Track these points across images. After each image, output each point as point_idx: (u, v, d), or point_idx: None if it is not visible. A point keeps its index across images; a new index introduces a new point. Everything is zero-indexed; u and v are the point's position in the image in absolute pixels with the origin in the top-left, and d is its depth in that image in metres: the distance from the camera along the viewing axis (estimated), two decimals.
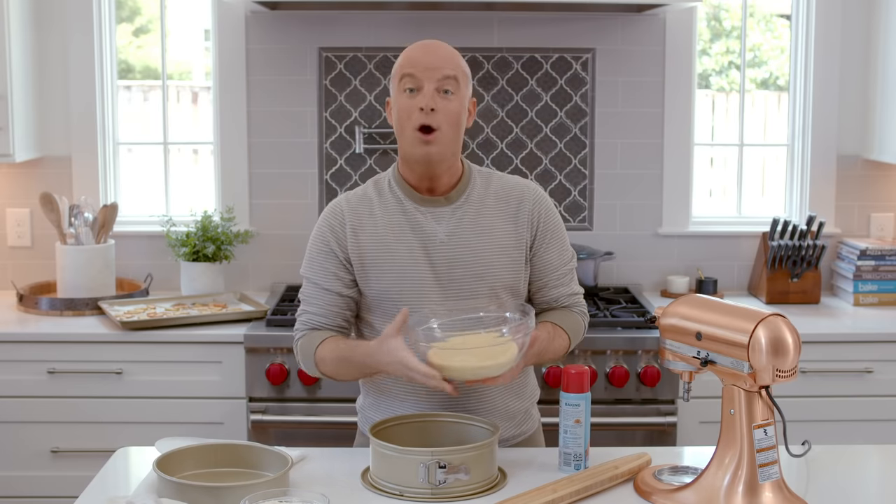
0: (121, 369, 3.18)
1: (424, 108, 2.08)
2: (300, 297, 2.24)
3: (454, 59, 2.13)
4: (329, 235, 2.18)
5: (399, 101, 2.12)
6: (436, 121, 2.09)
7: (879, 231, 3.82)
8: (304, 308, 2.22)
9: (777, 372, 1.80)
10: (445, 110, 2.10)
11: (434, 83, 2.09)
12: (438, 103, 2.09)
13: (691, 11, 3.68)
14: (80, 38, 3.63)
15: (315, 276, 2.19)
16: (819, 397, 3.25)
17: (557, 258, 2.23)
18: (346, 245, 2.17)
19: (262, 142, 3.71)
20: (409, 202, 2.17)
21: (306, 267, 2.22)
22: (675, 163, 3.75)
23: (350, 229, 2.17)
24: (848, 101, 3.75)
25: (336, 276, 2.17)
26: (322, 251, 2.19)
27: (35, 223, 3.71)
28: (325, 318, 2.19)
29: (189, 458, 1.96)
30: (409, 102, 2.10)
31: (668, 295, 3.68)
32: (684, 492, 1.88)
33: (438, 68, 2.09)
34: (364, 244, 2.16)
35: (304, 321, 2.21)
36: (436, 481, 1.89)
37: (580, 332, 2.27)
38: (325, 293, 2.18)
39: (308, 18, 3.66)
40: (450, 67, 2.10)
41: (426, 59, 2.10)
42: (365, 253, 2.16)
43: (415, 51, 2.14)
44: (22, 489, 3.23)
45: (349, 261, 2.17)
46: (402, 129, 2.12)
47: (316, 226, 2.23)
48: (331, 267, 2.18)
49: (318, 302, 2.19)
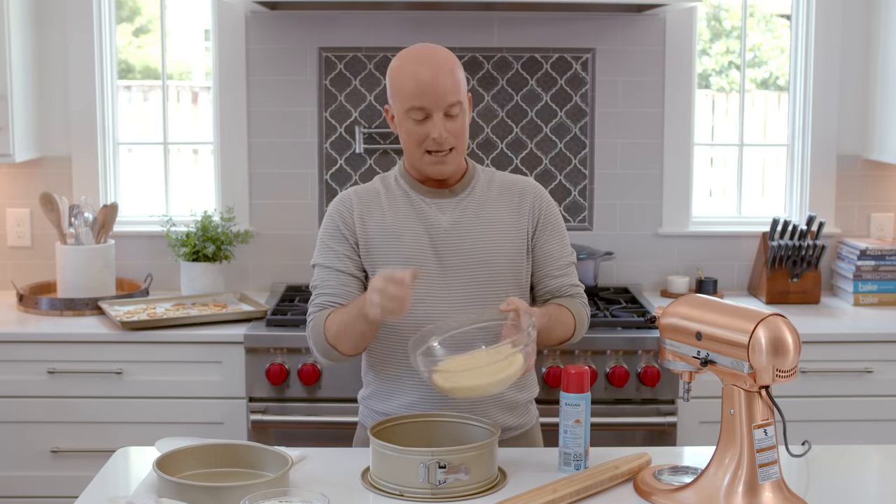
0: (121, 369, 3.18)
1: (437, 139, 2.14)
2: (313, 285, 2.26)
3: (455, 78, 2.16)
4: (339, 221, 2.24)
5: (407, 127, 2.17)
6: (447, 143, 2.16)
7: (879, 231, 3.82)
8: (318, 292, 2.24)
9: (777, 372, 1.80)
10: (454, 131, 2.17)
11: (442, 110, 2.14)
12: (448, 127, 2.15)
13: (691, 11, 3.68)
14: (80, 38, 3.63)
15: (327, 260, 2.24)
16: (819, 397, 3.24)
17: (559, 249, 2.28)
18: (355, 230, 2.23)
19: (262, 142, 3.71)
20: (415, 194, 2.24)
21: (318, 255, 2.26)
22: (675, 163, 3.75)
23: (358, 215, 2.23)
24: (848, 101, 3.75)
25: (349, 257, 2.23)
26: (333, 236, 2.24)
27: (35, 223, 3.71)
28: (339, 298, 2.21)
29: (189, 458, 1.96)
30: (420, 130, 2.16)
31: (668, 295, 3.68)
32: (684, 492, 1.88)
33: (445, 96, 2.13)
34: (371, 230, 2.22)
35: (319, 303, 2.23)
36: (436, 481, 1.89)
37: (584, 319, 2.29)
38: (339, 274, 2.22)
39: (308, 18, 3.66)
40: (454, 93, 2.14)
41: (433, 89, 2.12)
42: (371, 238, 2.22)
43: (418, 73, 2.14)
44: (22, 489, 3.23)
45: (357, 245, 2.23)
46: (412, 152, 2.19)
47: (325, 216, 2.29)
48: (343, 249, 2.23)
49: (332, 283, 2.22)
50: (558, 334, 2.21)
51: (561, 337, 2.23)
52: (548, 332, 2.16)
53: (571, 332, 2.24)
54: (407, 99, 2.14)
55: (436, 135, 2.14)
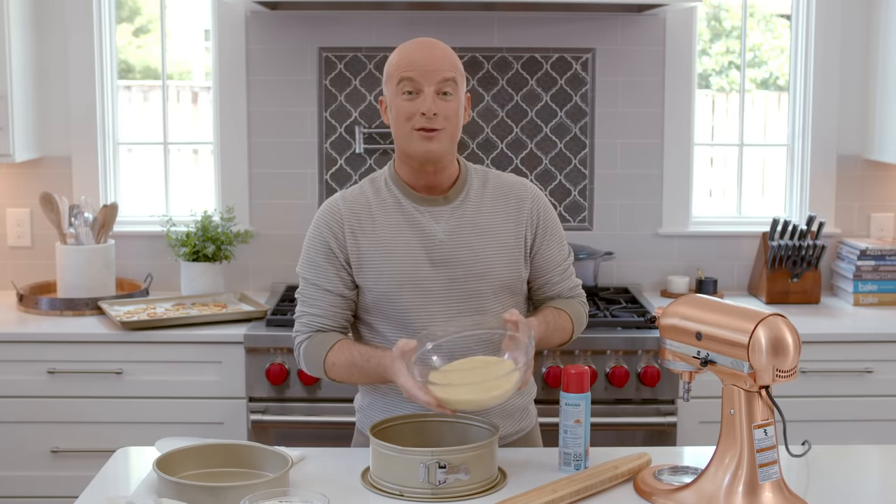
0: (121, 369, 3.18)
1: (427, 114, 2.08)
2: (299, 298, 2.21)
3: (451, 58, 2.13)
4: (328, 236, 2.16)
5: (397, 103, 2.11)
6: (438, 123, 2.09)
7: (879, 231, 3.82)
8: (303, 310, 2.20)
9: (777, 372, 1.80)
10: (445, 111, 2.10)
11: (433, 86, 2.08)
12: (439, 105, 2.09)
13: (691, 11, 3.68)
14: (80, 38, 3.63)
15: (315, 277, 2.17)
16: (819, 397, 3.25)
17: (558, 254, 2.25)
18: (346, 246, 2.16)
19: (262, 142, 3.71)
20: (408, 202, 2.17)
21: (305, 267, 2.19)
22: (675, 163, 3.75)
23: (349, 231, 2.16)
24: (848, 101, 3.75)
25: (338, 276, 2.16)
26: (321, 252, 2.17)
27: (35, 223, 3.71)
28: (328, 320, 2.18)
29: (189, 458, 1.96)
30: (410, 105, 2.10)
31: (668, 295, 3.68)
32: (684, 492, 1.88)
33: (437, 70, 2.09)
34: (363, 246, 2.15)
35: (306, 323, 2.19)
36: (436, 481, 1.89)
37: (582, 318, 2.28)
38: (326, 294, 2.17)
39: (308, 18, 3.66)
40: (448, 69, 2.10)
41: (425, 61, 2.09)
42: (364, 254, 2.15)
43: (412, 51, 2.12)
44: (22, 489, 3.23)
45: (349, 262, 2.16)
46: (401, 129, 2.12)
47: (312, 225, 2.20)
48: (331, 269, 2.16)
49: (319, 303, 2.17)
50: (556, 340, 2.20)
51: (559, 342, 2.22)
52: (546, 339, 2.15)
53: (569, 335, 2.23)
54: (398, 71, 2.09)
55: (425, 108, 2.07)
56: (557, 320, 2.18)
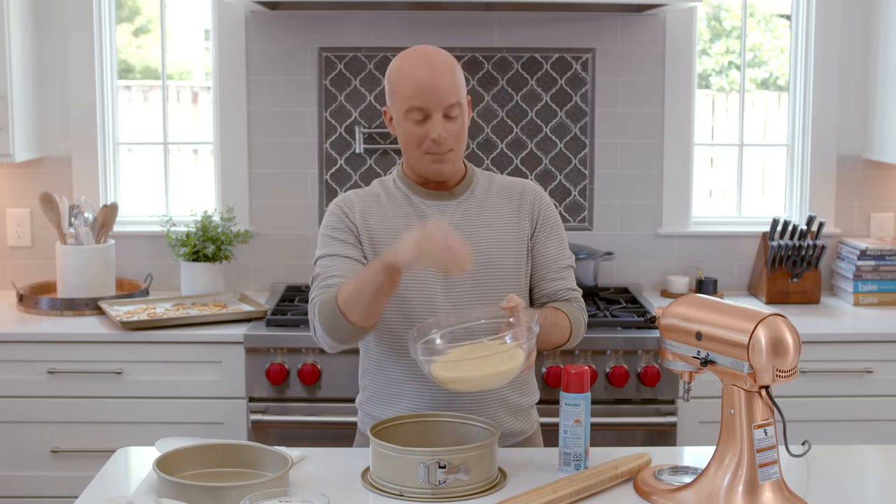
0: (121, 369, 3.18)
1: (437, 140, 2.13)
2: (317, 274, 2.17)
3: (455, 79, 2.15)
4: (342, 215, 2.22)
5: (406, 127, 2.15)
6: (447, 146, 2.15)
7: (879, 231, 3.82)
8: (323, 277, 2.15)
9: (777, 372, 1.80)
10: (454, 133, 2.15)
11: (441, 110, 2.13)
12: (447, 128, 2.14)
13: (691, 11, 3.68)
14: (80, 38, 3.63)
15: (333, 249, 2.18)
16: (819, 397, 3.25)
17: (556, 251, 2.27)
18: (358, 225, 2.21)
19: (262, 142, 3.71)
20: (416, 196, 2.23)
21: (322, 248, 2.21)
22: (675, 163, 3.75)
23: (360, 214, 2.22)
24: (848, 101, 3.75)
25: (354, 246, 2.19)
26: (338, 227, 2.21)
27: (35, 223, 3.71)
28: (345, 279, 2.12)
29: (189, 458, 1.96)
30: (419, 131, 2.14)
31: (668, 295, 3.68)
32: (684, 492, 1.88)
33: (444, 97, 2.12)
34: (374, 228, 2.21)
35: (326, 285, 2.13)
36: (436, 481, 1.89)
37: (581, 323, 2.27)
38: (346, 260, 2.17)
39: (308, 18, 3.66)
40: (454, 93, 2.13)
41: (432, 89, 2.11)
42: (375, 236, 2.20)
43: (417, 75, 2.12)
44: (22, 489, 3.23)
45: (360, 239, 2.20)
46: (412, 152, 2.18)
47: (326, 214, 2.24)
48: (350, 238, 2.20)
49: (339, 267, 2.15)
50: (554, 337, 2.19)
51: (557, 341, 2.20)
52: (543, 334, 2.13)
53: (567, 335, 2.22)
54: (406, 100, 2.13)
55: (435, 135, 2.12)
56: (554, 317, 2.18)
